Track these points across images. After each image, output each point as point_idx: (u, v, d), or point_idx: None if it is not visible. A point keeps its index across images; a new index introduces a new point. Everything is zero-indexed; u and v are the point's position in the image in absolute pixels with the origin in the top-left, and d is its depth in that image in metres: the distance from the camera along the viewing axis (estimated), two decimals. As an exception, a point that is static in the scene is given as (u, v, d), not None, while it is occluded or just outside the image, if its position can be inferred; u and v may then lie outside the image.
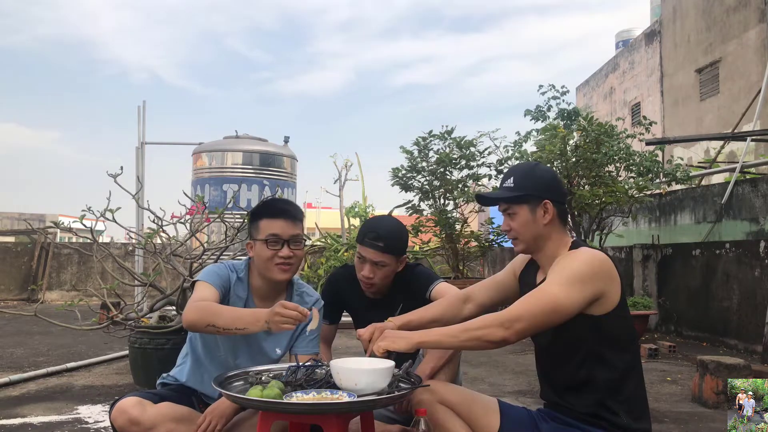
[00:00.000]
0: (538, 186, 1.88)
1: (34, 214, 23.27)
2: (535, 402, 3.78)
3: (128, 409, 1.98)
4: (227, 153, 8.49)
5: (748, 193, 7.33)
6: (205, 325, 1.98)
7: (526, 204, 1.87)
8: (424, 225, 7.95)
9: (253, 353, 2.26)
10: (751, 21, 11.85)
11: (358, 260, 2.44)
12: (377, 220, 2.53)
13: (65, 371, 4.71)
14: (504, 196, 1.90)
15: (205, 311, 1.99)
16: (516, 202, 1.88)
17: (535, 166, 1.96)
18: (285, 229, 2.22)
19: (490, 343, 1.73)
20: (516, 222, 1.88)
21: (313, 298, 2.38)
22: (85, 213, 4.12)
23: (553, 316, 1.71)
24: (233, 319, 1.93)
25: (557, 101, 7.59)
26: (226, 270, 2.26)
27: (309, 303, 2.33)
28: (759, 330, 5.47)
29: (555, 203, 1.87)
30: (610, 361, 1.77)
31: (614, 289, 1.78)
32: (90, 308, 4.59)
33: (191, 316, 1.99)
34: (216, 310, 1.99)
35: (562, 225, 1.90)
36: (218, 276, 2.21)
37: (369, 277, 2.41)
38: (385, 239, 2.37)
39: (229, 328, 1.93)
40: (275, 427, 1.87)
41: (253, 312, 1.94)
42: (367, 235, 2.40)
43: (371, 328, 1.89)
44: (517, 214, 1.88)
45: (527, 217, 1.87)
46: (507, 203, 1.90)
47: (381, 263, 2.39)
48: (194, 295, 2.14)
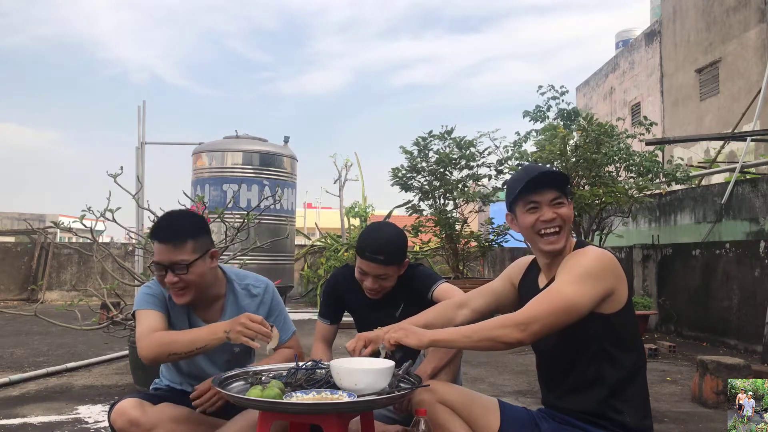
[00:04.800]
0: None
1: (34, 214, 23.25)
2: (535, 402, 3.78)
3: (128, 411, 1.96)
4: (227, 153, 8.49)
5: (748, 193, 7.33)
6: (166, 356, 1.96)
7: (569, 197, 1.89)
8: (424, 225, 7.94)
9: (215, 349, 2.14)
10: (751, 21, 11.85)
11: (360, 273, 2.42)
12: (374, 232, 2.45)
13: (65, 371, 4.71)
14: (565, 185, 1.87)
15: (160, 344, 1.95)
16: (567, 194, 1.88)
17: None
18: (164, 255, 2.03)
19: (505, 344, 1.72)
20: (564, 212, 1.84)
21: (261, 287, 2.28)
22: (85, 213, 4.12)
23: (568, 315, 1.71)
24: (191, 341, 1.92)
25: (556, 101, 7.60)
26: (157, 288, 2.15)
27: (258, 294, 2.26)
28: (759, 330, 5.47)
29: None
30: (618, 360, 1.78)
31: (622, 287, 1.78)
32: (90, 308, 4.59)
33: (148, 353, 1.96)
34: (171, 339, 1.96)
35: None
36: (153, 297, 2.13)
37: (373, 288, 2.41)
38: (386, 252, 2.34)
39: (191, 350, 1.93)
40: (275, 427, 1.87)
41: (210, 328, 1.93)
42: (366, 249, 2.36)
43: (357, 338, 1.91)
44: (565, 204, 1.86)
45: (569, 210, 1.87)
46: (564, 193, 1.86)
47: (383, 275, 2.38)
48: (141, 326, 2.04)
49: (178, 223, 2.10)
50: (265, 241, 5.99)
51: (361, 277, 2.43)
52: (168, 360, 2.00)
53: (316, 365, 1.99)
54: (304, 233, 14.20)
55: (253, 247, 5.33)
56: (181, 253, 2.03)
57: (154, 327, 2.04)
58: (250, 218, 4.58)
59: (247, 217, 4.56)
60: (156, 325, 2.05)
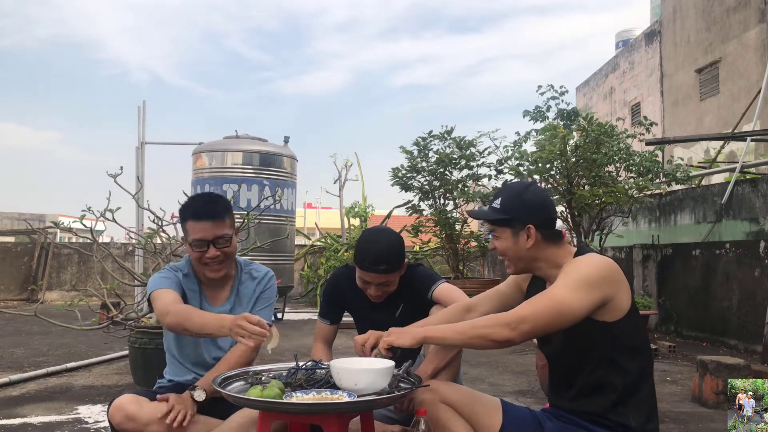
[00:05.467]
0: (523, 210, 1.85)
1: (34, 214, 23.23)
2: (535, 402, 3.79)
3: (125, 406, 2.00)
4: (227, 153, 8.49)
5: (748, 193, 7.33)
6: (181, 329, 2.06)
7: (509, 227, 1.87)
8: (424, 225, 7.94)
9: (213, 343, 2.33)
10: (751, 21, 11.85)
11: (363, 283, 2.42)
12: (372, 241, 2.40)
13: (65, 371, 4.71)
14: (489, 218, 1.92)
15: (180, 315, 2.06)
16: (499, 225, 1.89)
17: (526, 188, 1.93)
18: (207, 231, 2.22)
19: (495, 342, 1.73)
20: (499, 244, 1.90)
21: (261, 273, 2.44)
22: (85, 213, 4.12)
23: (559, 319, 1.71)
24: (201, 324, 2.00)
25: (556, 101, 7.59)
26: (170, 272, 2.31)
27: (258, 279, 2.40)
28: (759, 330, 5.47)
29: (540, 228, 1.84)
30: (623, 366, 1.77)
31: (623, 295, 1.77)
32: (90, 308, 4.59)
33: (171, 319, 2.07)
34: (187, 315, 2.06)
35: (553, 245, 1.87)
36: (168, 279, 2.26)
37: (377, 295, 2.41)
38: (386, 261, 2.33)
39: (199, 332, 2.02)
40: (275, 426, 1.87)
41: (218, 318, 1.99)
42: (366, 260, 2.35)
43: (369, 334, 1.92)
44: (500, 237, 1.89)
45: (509, 240, 1.87)
46: (491, 224, 1.91)
47: (386, 283, 2.39)
48: (162, 301, 2.15)
49: (217, 203, 2.31)
50: (265, 241, 6.00)
51: (363, 286, 2.43)
52: (181, 333, 2.11)
53: (316, 365, 1.99)
54: (304, 233, 14.20)
55: (253, 247, 5.33)
56: (222, 228, 2.24)
57: (175, 299, 2.16)
58: (251, 218, 4.58)
59: (247, 217, 4.56)
60: (175, 299, 2.16)
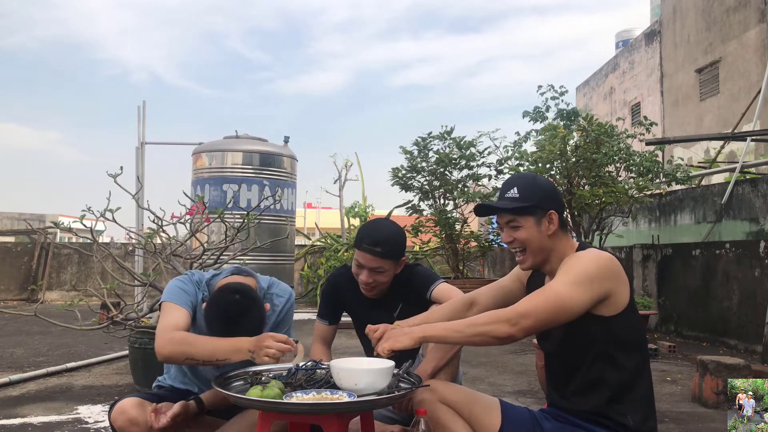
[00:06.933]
0: (543, 196, 1.86)
1: (34, 214, 23.23)
2: (535, 402, 3.79)
3: (128, 410, 1.97)
4: (227, 153, 8.48)
5: (748, 193, 7.33)
6: (183, 359, 1.94)
7: (531, 215, 1.85)
8: (424, 225, 7.95)
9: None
10: (751, 21, 11.85)
11: (356, 266, 2.43)
12: (374, 225, 2.48)
13: (65, 371, 4.71)
14: (510, 207, 1.86)
15: (180, 344, 1.93)
16: (522, 214, 1.85)
17: (535, 176, 1.96)
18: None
19: (496, 339, 1.72)
20: (522, 234, 1.86)
21: (284, 298, 2.34)
22: (85, 213, 4.11)
23: (560, 314, 1.71)
24: (212, 351, 1.89)
25: (556, 101, 7.59)
26: (192, 287, 2.19)
27: (279, 305, 2.30)
28: (759, 330, 5.47)
29: (558, 214, 1.87)
30: (620, 362, 1.78)
31: (622, 290, 1.78)
32: (90, 308, 4.58)
33: (166, 350, 1.94)
34: (192, 343, 1.93)
35: (564, 233, 1.90)
36: (185, 293, 2.14)
37: (368, 282, 2.40)
38: (383, 245, 2.34)
39: (209, 359, 1.90)
40: (275, 426, 1.87)
41: (234, 342, 1.89)
42: (364, 241, 2.37)
43: (383, 327, 1.89)
44: (523, 226, 1.85)
45: (533, 228, 1.85)
46: (513, 214, 1.86)
47: (379, 269, 2.38)
48: (164, 320, 2.04)
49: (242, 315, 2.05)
50: (265, 241, 5.99)
51: (357, 270, 2.43)
52: (183, 363, 1.97)
53: (316, 365, 1.99)
54: (304, 233, 14.19)
55: (253, 247, 5.33)
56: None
57: (177, 324, 2.03)
58: (250, 218, 4.58)
59: (247, 217, 4.56)
60: (180, 323, 2.04)
